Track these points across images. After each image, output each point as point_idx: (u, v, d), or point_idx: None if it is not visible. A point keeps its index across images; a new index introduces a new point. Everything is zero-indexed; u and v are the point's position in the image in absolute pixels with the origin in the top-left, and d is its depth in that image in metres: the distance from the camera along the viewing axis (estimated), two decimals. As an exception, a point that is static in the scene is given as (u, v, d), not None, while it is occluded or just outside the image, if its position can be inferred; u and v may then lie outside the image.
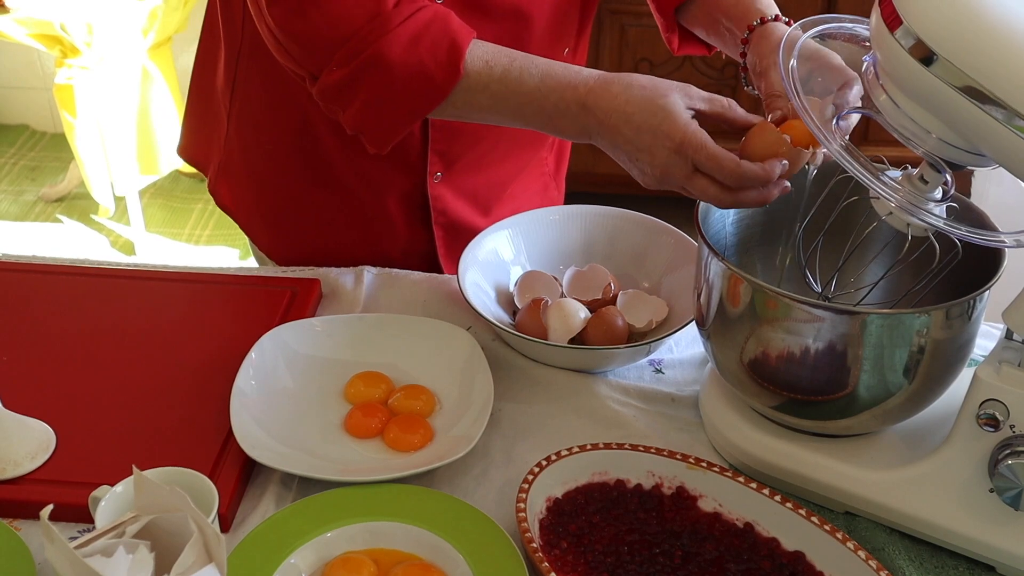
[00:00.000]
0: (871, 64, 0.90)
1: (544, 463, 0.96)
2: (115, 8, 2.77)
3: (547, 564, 0.86)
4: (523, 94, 1.04)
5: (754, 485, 0.96)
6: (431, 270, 1.34)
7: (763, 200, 0.97)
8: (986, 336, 1.10)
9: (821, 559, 0.91)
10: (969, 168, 0.88)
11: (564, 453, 0.97)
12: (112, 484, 0.86)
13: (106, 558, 0.73)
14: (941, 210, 0.91)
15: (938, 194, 0.92)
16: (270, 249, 1.40)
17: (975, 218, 0.98)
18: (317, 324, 1.16)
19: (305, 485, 0.98)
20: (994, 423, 0.88)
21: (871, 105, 0.92)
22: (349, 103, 1.07)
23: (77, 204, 3.26)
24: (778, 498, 0.95)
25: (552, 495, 0.96)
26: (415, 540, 0.92)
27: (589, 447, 0.98)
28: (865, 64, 0.91)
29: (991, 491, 0.90)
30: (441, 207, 1.31)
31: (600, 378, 1.14)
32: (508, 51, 1.05)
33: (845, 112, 0.98)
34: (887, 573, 0.88)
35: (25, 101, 3.62)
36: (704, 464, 0.98)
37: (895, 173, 0.93)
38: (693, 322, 1.09)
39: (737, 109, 1.01)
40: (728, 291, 0.97)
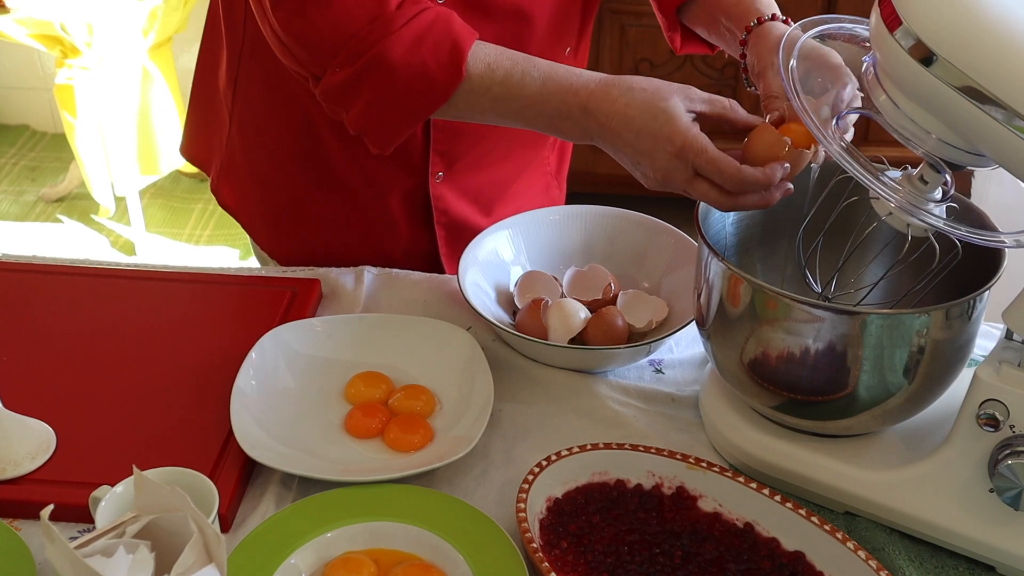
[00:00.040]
0: (871, 64, 0.90)
1: (544, 463, 0.96)
2: (115, 8, 2.77)
3: (547, 564, 0.86)
4: (525, 97, 1.04)
5: (754, 485, 0.96)
6: (433, 270, 1.34)
7: (765, 203, 0.97)
8: (986, 336, 1.10)
9: (821, 559, 0.91)
10: (969, 168, 0.88)
11: (564, 453, 0.98)
12: (112, 484, 0.86)
13: (106, 558, 0.73)
14: (941, 210, 0.91)
15: (938, 194, 0.92)
16: (272, 249, 1.40)
17: (975, 218, 0.98)
18: (317, 324, 1.16)
19: (305, 485, 0.98)
20: (994, 423, 0.88)
21: (871, 105, 0.92)
22: (352, 104, 1.07)
23: (77, 204, 3.26)
24: (778, 498, 0.95)
25: (552, 495, 0.96)
26: (415, 540, 0.92)
27: (589, 447, 0.98)
28: (865, 64, 0.91)
29: (991, 491, 0.90)
30: (443, 207, 1.31)
31: (600, 378, 1.14)
32: (510, 53, 1.05)
33: (845, 112, 0.98)
34: (887, 573, 0.88)
35: (25, 101, 3.62)
36: (704, 464, 0.98)
37: (895, 173, 0.93)
38: (693, 322, 1.09)
39: (738, 110, 1.01)
40: (728, 291, 0.97)
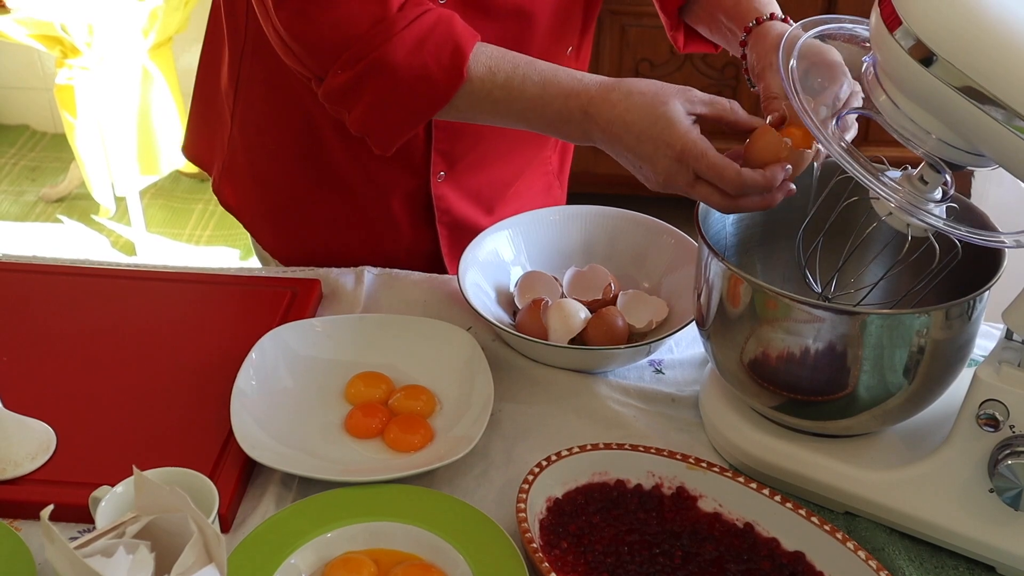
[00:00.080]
0: (871, 65, 0.90)
1: (544, 463, 0.96)
2: (116, 8, 2.77)
3: (547, 564, 0.86)
4: (525, 100, 1.04)
5: (754, 485, 0.96)
6: (435, 269, 1.34)
7: (767, 205, 0.97)
8: (986, 336, 1.10)
9: (821, 559, 0.91)
10: (969, 168, 0.88)
11: (564, 453, 0.98)
12: (112, 484, 0.86)
13: (106, 558, 0.73)
14: (941, 210, 0.91)
15: (938, 194, 0.92)
16: (274, 249, 1.40)
17: (975, 218, 0.98)
18: (317, 324, 1.16)
19: (305, 485, 0.98)
20: (994, 423, 0.88)
21: (871, 106, 0.92)
22: (354, 106, 1.07)
23: (78, 204, 3.26)
24: (778, 498, 0.95)
25: (552, 495, 0.96)
26: (415, 540, 0.92)
27: (589, 447, 0.98)
28: (865, 65, 0.91)
29: (991, 491, 0.90)
30: (445, 206, 1.31)
31: (600, 378, 1.14)
32: (512, 56, 1.05)
33: (845, 112, 0.98)
34: (887, 573, 0.88)
35: (26, 101, 3.62)
36: (704, 464, 0.98)
37: (895, 173, 0.93)
38: (693, 322, 1.09)
39: (739, 111, 1.01)
40: (728, 291, 0.97)
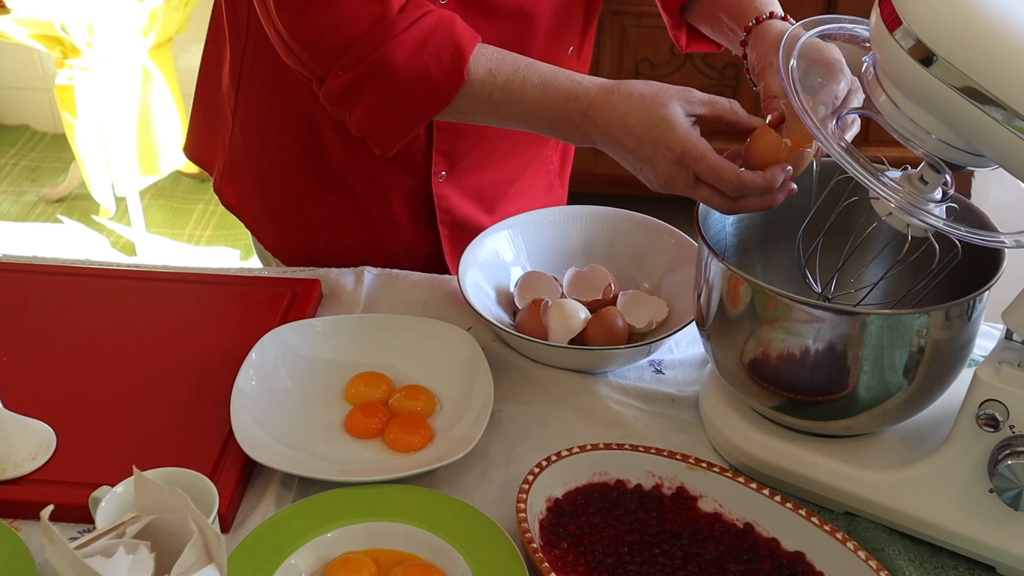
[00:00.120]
0: (871, 65, 0.90)
1: (544, 463, 0.96)
2: (116, 9, 2.77)
3: (547, 564, 0.86)
4: (525, 102, 1.04)
5: (754, 485, 0.96)
6: (436, 269, 1.34)
7: (768, 205, 0.97)
8: (986, 336, 1.10)
9: (821, 559, 0.91)
10: (969, 169, 0.88)
11: (564, 453, 0.98)
12: (112, 484, 0.86)
13: (106, 558, 0.73)
14: (941, 211, 0.91)
15: (938, 195, 0.92)
16: (275, 248, 1.40)
17: (975, 218, 0.98)
18: (317, 325, 1.16)
19: (305, 485, 0.98)
20: (994, 423, 0.88)
21: (871, 106, 0.92)
22: (355, 107, 1.07)
23: (78, 205, 3.26)
24: (778, 498, 0.95)
25: (552, 495, 0.96)
26: (415, 540, 0.92)
27: (589, 447, 0.98)
28: (865, 64, 0.91)
29: (991, 491, 0.90)
30: (446, 206, 1.31)
31: (600, 378, 1.14)
32: (512, 58, 1.05)
33: (845, 112, 0.98)
34: (887, 573, 0.88)
35: (26, 102, 3.63)
36: (704, 464, 0.98)
37: (895, 174, 0.93)
38: (693, 322, 1.09)
39: (739, 111, 1.01)
40: (728, 291, 0.97)
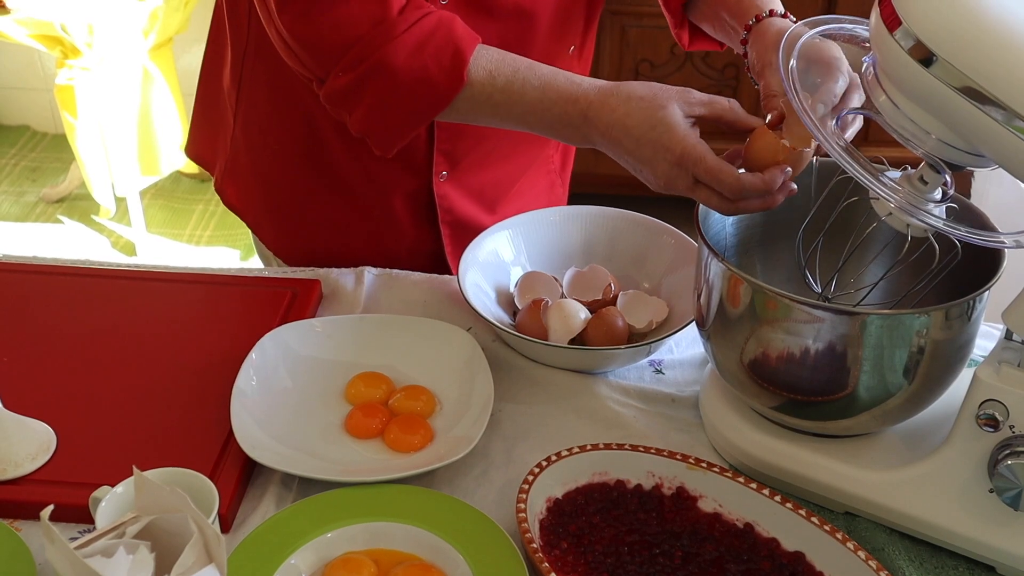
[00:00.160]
0: (871, 65, 0.90)
1: (544, 463, 0.96)
2: (116, 9, 2.77)
3: (547, 564, 0.86)
4: (525, 104, 1.04)
5: (754, 485, 0.96)
6: (438, 269, 1.34)
7: (767, 206, 0.97)
8: (986, 336, 1.10)
9: (821, 559, 0.91)
10: (969, 169, 0.88)
11: (564, 453, 0.98)
12: (112, 485, 0.86)
13: (106, 559, 0.74)
14: (941, 211, 0.91)
15: (938, 195, 0.92)
16: (277, 248, 1.40)
17: (975, 219, 0.98)
18: (318, 325, 1.16)
19: (305, 486, 0.98)
20: (994, 423, 0.88)
21: (871, 106, 0.92)
22: (355, 108, 1.07)
23: (78, 205, 3.26)
24: (778, 498, 0.95)
25: (552, 495, 0.96)
26: (415, 540, 0.92)
27: (589, 447, 0.98)
28: (865, 65, 0.91)
29: (991, 491, 0.90)
30: (447, 206, 1.31)
31: (600, 379, 1.14)
32: (512, 59, 1.05)
33: (845, 113, 0.98)
34: (887, 573, 0.88)
35: (26, 102, 3.63)
36: (704, 464, 0.98)
37: (895, 174, 0.93)
38: (693, 323, 1.09)
39: (738, 110, 1.01)
40: (728, 292, 0.97)
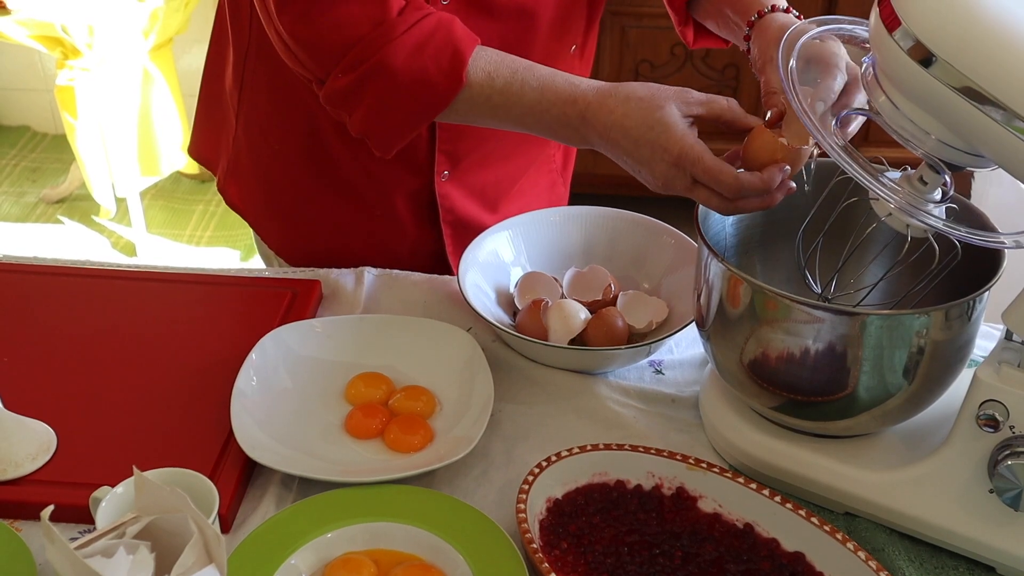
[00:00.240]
0: (870, 65, 0.90)
1: (544, 464, 0.96)
2: (116, 9, 2.77)
3: (547, 565, 0.86)
4: (524, 105, 1.04)
5: (754, 486, 0.96)
6: (439, 268, 1.34)
7: (766, 205, 0.97)
8: (986, 337, 1.10)
9: (821, 560, 0.91)
10: (968, 169, 0.88)
11: (564, 454, 0.98)
12: (113, 485, 0.86)
13: (106, 559, 0.74)
14: (940, 211, 0.91)
15: (937, 195, 0.92)
16: (279, 248, 1.40)
17: (974, 219, 0.98)
18: (318, 325, 1.16)
19: (305, 486, 0.99)
20: (994, 424, 0.88)
21: (871, 106, 0.92)
22: (354, 109, 1.07)
23: (78, 205, 3.26)
24: (778, 499, 0.95)
25: (552, 496, 0.96)
26: (415, 541, 0.92)
27: (589, 448, 0.98)
28: (864, 65, 0.91)
29: (991, 492, 0.90)
30: (449, 205, 1.31)
31: (600, 379, 1.14)
32: (511, 61, 1.05)
33: (845, 113, 0.98)
34: (887, 574, 0.88)
35: (26, 102, 3.63)
36: (704, 465, 0.98)
37: (894, 174, 0.93)
38: (693, 323, 1.09)
39: (737, 110, 1.01)
40: (728, 292, 0.97)
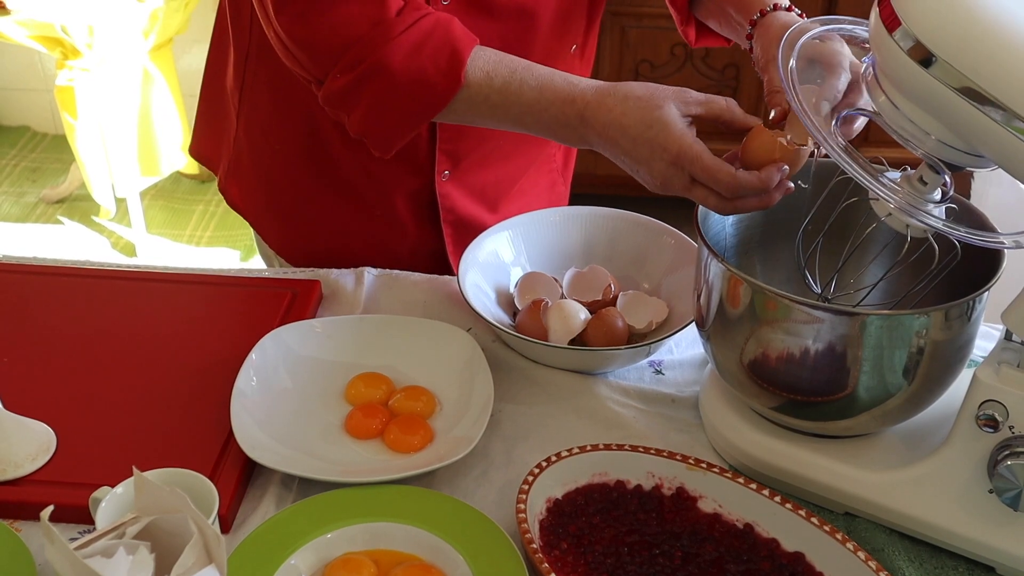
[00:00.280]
0: (870, 65, 0.90)
1: (544, 464, 0.96)
2: (116, 10, 2.78)
3: (547, 565, 0.86)
4: (522, 105, 1.04)
5: (754, 486, 0.96)
6: (440, 268, 1.34)
7: (765, 205, 0.97)
8: (986, 337, 1.10)
9: (821, 560, 0.91)
10: (968, 169, 0.88)
11: (564, 454, 0.98)
12: (112, 485, 0.86)
13: (106, 559, 0.74)
14: (940, 211, 0.91)
15: (937, 195, 0.92)
16: (280, 248, 1.40)
17: (974, 219, 0.98)
18: (317, 325, 1.16)
19: (305, 486, 0.99)
20: (993, 424, 0.88)
21: (871, 106, 0.92)
22: (353, 109, 1.07)
23: (78, 206, 3.26)
24: (778, 499, 0.95)
25: (552, 496, 0.96)
26: (415, 541, 0.92)
27: (589, 448, 0.98)
28: (864, 66, 0.91)
29: (990, 492, 0.90)
30: (449, 205, 1.31)
31: (600, 379, 1.14)
32: (510, 61, 1.05)
33: (845, 113, 0.98)
34: (887, 574, 0.88)
35: (26, 103, 3.63)
36: (704, 465, 0.98)
37: (894, 174, 0.93)
38: (693, 323, 1.09)
39: (736, 110, 1.01)
40: (728, 292, 0.97)
